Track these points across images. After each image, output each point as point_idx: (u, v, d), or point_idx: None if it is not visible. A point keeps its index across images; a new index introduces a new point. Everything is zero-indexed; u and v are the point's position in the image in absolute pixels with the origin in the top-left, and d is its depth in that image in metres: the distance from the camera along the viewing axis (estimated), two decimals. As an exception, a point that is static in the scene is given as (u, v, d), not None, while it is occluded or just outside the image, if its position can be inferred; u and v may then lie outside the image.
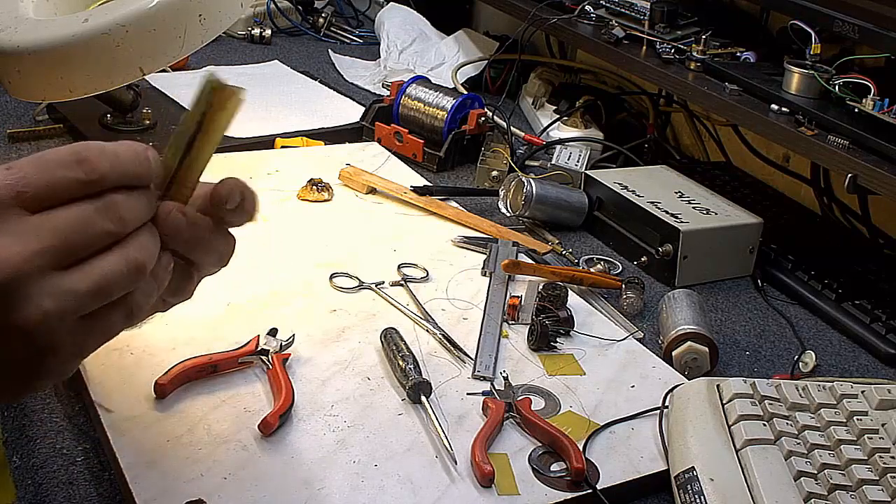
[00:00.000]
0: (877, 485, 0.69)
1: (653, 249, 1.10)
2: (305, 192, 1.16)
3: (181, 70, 1.59)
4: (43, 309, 0.47)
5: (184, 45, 1.12)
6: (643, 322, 1.00)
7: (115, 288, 0.49)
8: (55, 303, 0.47)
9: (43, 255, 0.47)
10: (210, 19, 1.13)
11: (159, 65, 1.13)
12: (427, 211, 1.17)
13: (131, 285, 0.50)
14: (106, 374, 0.79)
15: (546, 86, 1.60)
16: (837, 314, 1.04)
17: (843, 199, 1.26)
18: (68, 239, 0.48)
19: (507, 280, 1.02)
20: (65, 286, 0.47)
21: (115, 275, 0.49)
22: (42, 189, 0.48)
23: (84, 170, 0.49)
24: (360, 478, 0.72)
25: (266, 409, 0.77)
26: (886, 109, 1.03)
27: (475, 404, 0.82)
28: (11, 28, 1.13)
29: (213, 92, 0.52)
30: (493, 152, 1.31)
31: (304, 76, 1.65)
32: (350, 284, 0.98)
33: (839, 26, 1.09)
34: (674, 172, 1.25)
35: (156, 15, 1.09)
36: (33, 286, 0.47)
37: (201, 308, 0.89)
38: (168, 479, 0.69)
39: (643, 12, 1.36)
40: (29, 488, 0.69)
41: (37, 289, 0.47)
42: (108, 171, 0.49)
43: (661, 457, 0.78)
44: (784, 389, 0.79)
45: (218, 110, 0.52)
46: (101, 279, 0.48)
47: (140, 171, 0.51)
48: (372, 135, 1.38)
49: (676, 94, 1.41)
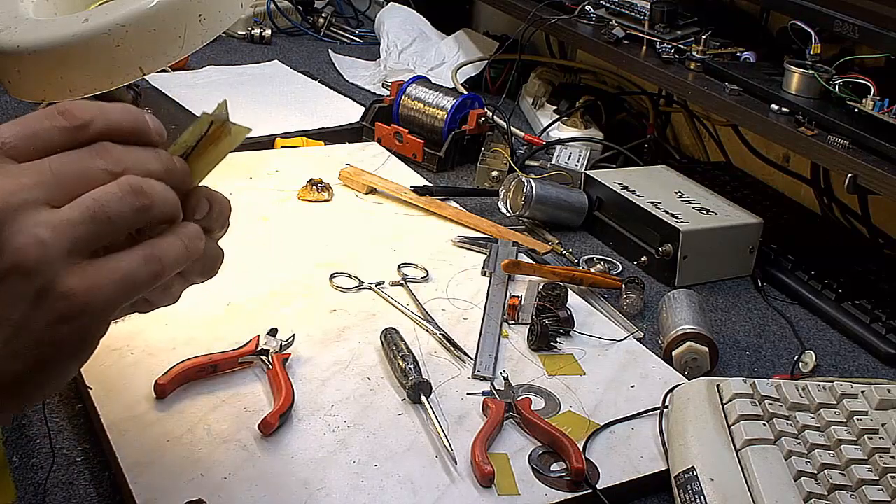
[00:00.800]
0: (877, 485, 0.69)
1: (653, 249, 1.10)
2: (305, 192, 1.16)
3: (181, 70, 1.59)
4: (37, 238, 0.44)
5: (184, 45, 1.12)
6: (643, 322, 1.00)
7: (113, 212, 0.45)
8: (50, 233, 0.44)
9: (32, 189, 0.44)
10: (210, 19, 1.13)
11: (159, 65, 1.14)
12: (427, 211, 1.17)
13: (133, 211, 0.46)
14: (106, 374, 0.79)
15: (546, 86, 1.60)
16: (837, 314, 1.04)
17: (843, 199, 1.26)
18: (59, 173, 0.45)
19: (507, 280, 1.02)
20: (58, 215, 0.45)
21: (110, 196, 0.46)
22: (25, 139, 0.46)
23: (66, 117, 0.47)
24: (360, 478, 0.72)
25: (266, 409, 0.77)
26: (886, 109, 1.03)
27: (475, 404, 0.82)
28: (11, 28, 1.13)
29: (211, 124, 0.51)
30: (493, 152, 1.31)
31: (304, 76, 1.65)
32: (350, 284, 0.98)
33: (839, 26, 1.09)
34: (674, 172, 1.25)
35: (156, 15, 1.09)
36: (24, 218, 0.44)
37: (201, 308, 0.90)
38: (168, 479, 0.69)
39: (643, 12, 1.36)
40: (29, 488, 0.69)
41: (28, 221, 0.44)
42: (94, 118, 0.47)
43: (661, 457, 0.78)
44: (784, 389, 0.79)
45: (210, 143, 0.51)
46: (93, 203, 0.45)
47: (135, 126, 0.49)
48: (372, 135, 1.38)
49: (676, 94, 1.41)
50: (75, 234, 0.45)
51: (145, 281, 0.47)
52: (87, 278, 0.45)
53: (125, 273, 0.46)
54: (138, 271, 0.47)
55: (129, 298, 0.47)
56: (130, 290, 0.47)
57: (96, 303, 0.45)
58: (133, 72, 1.12)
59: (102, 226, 0.45)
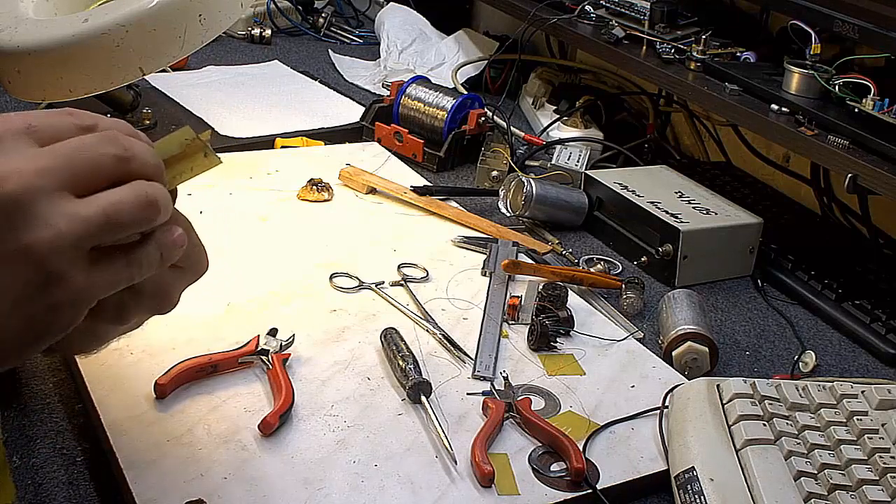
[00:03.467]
0: (877, 485, 0.69)
1: (653, 249, 1.10)
2: (305, 192, 1.16)
3: (181, 70, 1.59)
4: (55, 229, 0.47)
5: (184, 45, 1.12)
6: (643, 322, 1.00)
7: (126, 218, 0.49)
8: (67, 225, 0.47)
9: (51, 174, 0.48)
10: (210, 19, 1.13)
11: (159, 65, 1.13)
12: (427, 211, 1.17)
13: (142, 220, 0.50)
14: (106, 374, 0.79)
15: (546, 86, 1.60)
16: (837, 314, 1.04)
17: (843, 199, 1.26)
18: (74, 161, 0.49)
19: (507, 280, 1.02)
20: (76, 209, 0.48)
21: (126, 204, 0.49)
22: (48, 128, 0.50)
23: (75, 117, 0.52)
24: (360, 478, 0.72)
25: (266, 409, 0.77)
26: (886, 109, 1.03)
27: (475, 404, 0.82)
28: (11, 28, 1.13)
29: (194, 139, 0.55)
30: (493, 152, 1.31)
31: (304, 76, 1.65)
32: (350, 284, 0.98)
33: (839, 26, 1.09)
34: (674, 172, 1.25)
35: (156, 15, 1.08)
36: (44, 205, 0.47)
37: (201, 308, 0.90)
38: (168, 479, 0.69)
39: (643, 12, 1.36)
40: (29, 488, 0.69)
41: (48, 208, 0.47)
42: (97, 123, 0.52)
43: (661, 457, 0.78)
44: (784, 389, 0.79)
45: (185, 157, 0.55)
46: (110, 206, 0.49)
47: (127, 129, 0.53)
48: (372, 135, 1.38)
49: (676, 94, 1.41)
50: (88, 231, 0.48)
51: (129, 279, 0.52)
52: (89, 274, 0.49)
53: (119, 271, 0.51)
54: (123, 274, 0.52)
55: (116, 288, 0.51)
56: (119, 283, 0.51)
57: (90, 296, 0.50)
58: (133, 72, 1.12)
59: (113, 229, 0.49)
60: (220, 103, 1.44)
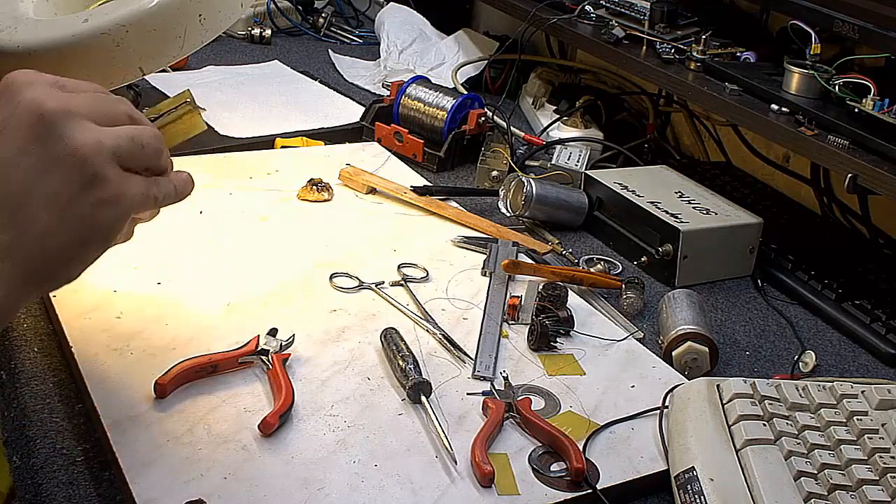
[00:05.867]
0: (877, 485, 0.69)
1: (653, 249, 1.10)
2: (305, 192, 1.16)
3: (181, 70, 1.59)
4: (95, 137, 0.58)
5: (184, 45, 1.12)
6: (643, 322, 1.00)
7: (146, 141, 0.62)
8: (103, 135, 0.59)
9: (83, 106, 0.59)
10: (210, 19, 1.13)
11: (159, 65, 1.14)
12: (427, 211, 1.17)
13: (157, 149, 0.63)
14: (106, 374, 0.79)
15: (546, 86, 1.60)
16: (837, 314, 1.04)
17: (843, 199, 1.26)
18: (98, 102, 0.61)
19: (507, 280, 1.02)
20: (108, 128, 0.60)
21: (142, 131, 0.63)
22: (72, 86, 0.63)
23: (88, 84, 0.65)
24: (360, 478, 0.72)
25: (266, 409, 0.77)
26: (886, 109, 1.03)
27: (475, 404, 0.82)
28: (11, 28, 1.13)
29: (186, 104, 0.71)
30: (493, 152, 1.31)
31: (304, 76, 1.65)
32: (350, 284, 0.98)
33: (839, 26, 1.09)
34: (674, 172, 1.25)
35: (156, 15, 1.09)
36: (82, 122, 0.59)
37: (201, 308, 0.90)
38: (168, 479, 0.69)
39: (643, 12, 1.36)
40: (29, 488, 0.69)
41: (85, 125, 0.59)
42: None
43: (661, 457, 0.78)
44: (784, 389, 0.79)
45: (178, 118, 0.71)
46: (133, 130, 0.62)
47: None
48: (372, 135, 1.38)
49: (676, 94, 1.41)
50: (120, 144, 0.60)
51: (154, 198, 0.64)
52: (125, 178, 0.60)
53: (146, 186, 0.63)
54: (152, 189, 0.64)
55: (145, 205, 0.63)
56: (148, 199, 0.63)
57: (128, 197, 0.60)
58: (133, 72, 1.12)
59: (137, 149, 0.61)
60: (220, 103, 1.44)
